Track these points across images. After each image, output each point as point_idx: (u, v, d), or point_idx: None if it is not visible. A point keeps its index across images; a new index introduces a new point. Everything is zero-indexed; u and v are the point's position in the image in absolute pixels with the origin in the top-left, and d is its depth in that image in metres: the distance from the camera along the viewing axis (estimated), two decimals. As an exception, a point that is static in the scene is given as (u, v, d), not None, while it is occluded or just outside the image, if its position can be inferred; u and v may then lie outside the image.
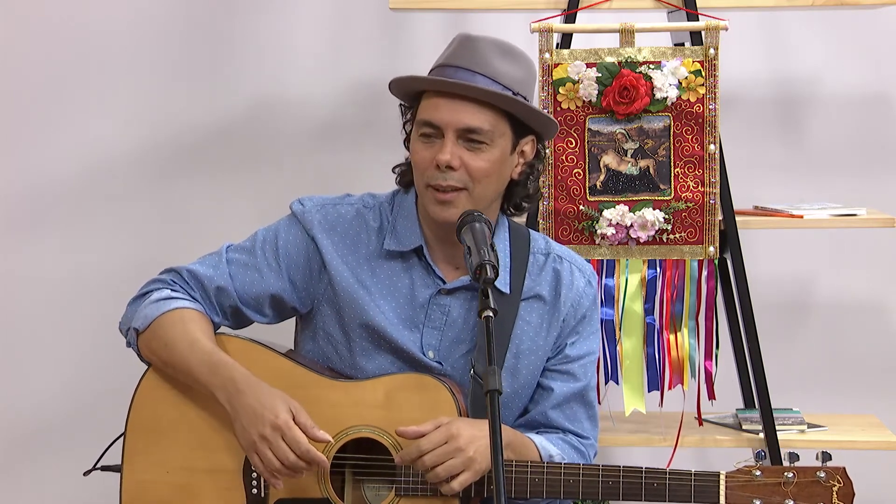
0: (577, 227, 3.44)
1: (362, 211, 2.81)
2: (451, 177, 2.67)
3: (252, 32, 4.03)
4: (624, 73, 3.38)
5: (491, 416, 2.30)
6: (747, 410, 3.61)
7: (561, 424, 2.80)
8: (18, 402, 4.06)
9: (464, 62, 2.69)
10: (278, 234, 2.80)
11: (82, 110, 4.03)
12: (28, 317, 4.07)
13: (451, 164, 2.66)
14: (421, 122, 2.70)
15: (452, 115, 2.66)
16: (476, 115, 2.66)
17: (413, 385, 2.67)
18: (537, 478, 2.62)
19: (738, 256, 3.46)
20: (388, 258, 2.77)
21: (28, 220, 4.06)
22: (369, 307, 2.74)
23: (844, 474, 2.59)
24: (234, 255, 2.80)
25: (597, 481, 2.61)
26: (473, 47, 2.70)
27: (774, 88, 4.03)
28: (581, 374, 2.81)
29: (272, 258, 2.78)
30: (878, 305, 4.08)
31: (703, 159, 3.41)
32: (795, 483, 2.58)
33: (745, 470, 2.60)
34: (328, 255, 2.76)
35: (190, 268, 2.80)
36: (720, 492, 2.59)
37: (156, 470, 2.72)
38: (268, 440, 2.57)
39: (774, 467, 2.60)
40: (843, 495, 2.58)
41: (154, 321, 2.72)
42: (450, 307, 2.76)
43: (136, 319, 2.74)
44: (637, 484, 2.60)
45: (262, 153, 4.05)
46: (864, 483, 3.69)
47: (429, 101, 2.70)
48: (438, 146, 2.68)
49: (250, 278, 2.78)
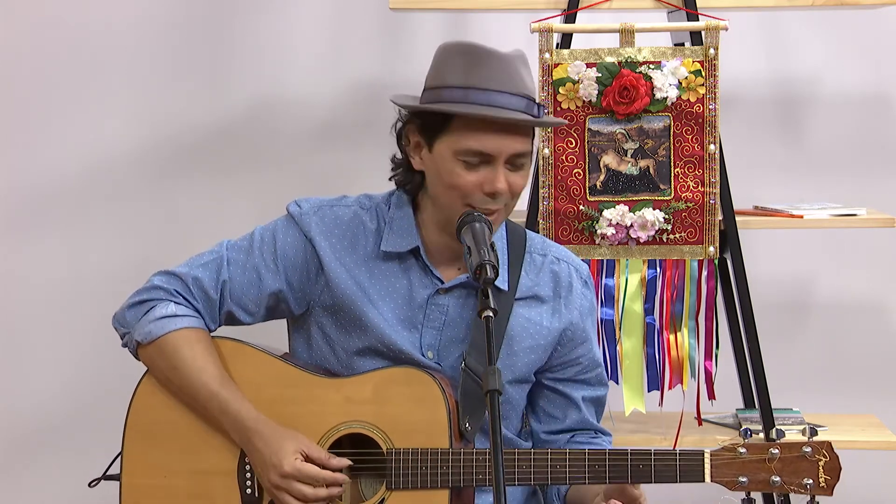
0: (577, 227, 3.44)
1: (359, 213, 2.80)
2: (500, 201, 2.67)
3: (252, 32, 4.03)
4: (624, 73, 3.39)
5: (491, 416, 2.30)
6: (747, 410, 3.61)
7: (592, 425, 2.86)
8: (18, 402, 4.06)
9: (500, 85, 2.64)
10: (276, 235, 2.79)
11: (82, 110, 4.03)
12: (28, 317, 4.07)
13: (503, 192, 2.66)
14: (466, 151, 2.64)
15: (504, 145, 2.63)
16: (524, 139, 2.66)
17: (402, 379, 2.68)
18: (524, 464, 2.62)
19: (738, 256, 3.46)
20: (386, 259, 2.77)
21: (28, 219, 4.06)
22: (367, 309, 2.74)
23: (830, 448, 2.56)
24: (233, 254, 2.80)
25: (583, 465, 2.61)
26: (502, 65, 2.65)
27: (774, 88, 4.03)
28: (598, 383, 2.86)
29: (270, 259, 2.78)
30: (878, 305, 4.08)
31: (703, 159, 3.41)
32: (780, 458, 2.56)
33: (730, 447, 2.58)
34: (326, 258, 2.76)
35: (194, 275, 2.78)
36: (705, 470, 2.58)
37: (153, 474, 2.72)
38: (282, 488, 2.63)
39: (759, 444, 2.58)
40: (830, 469, 2.56)
41: (159, 339, 2.73)
42: (448, 306, 2.76)
43: (137, 331, 2.75)
44: (623, 466, 2.60)
45: (261, 153, 4.05)
46: (864, 483, 3.71)
47: (470, 128, 2.64)
48: (485, 172, 2.65)
49: (248, 279, 2.78)
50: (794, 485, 2.56)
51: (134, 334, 2.75)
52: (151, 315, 2.75)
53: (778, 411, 3.53)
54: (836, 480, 2.56)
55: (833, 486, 2.56)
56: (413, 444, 2.65)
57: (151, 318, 2.74)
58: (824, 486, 2.56)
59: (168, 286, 2.78)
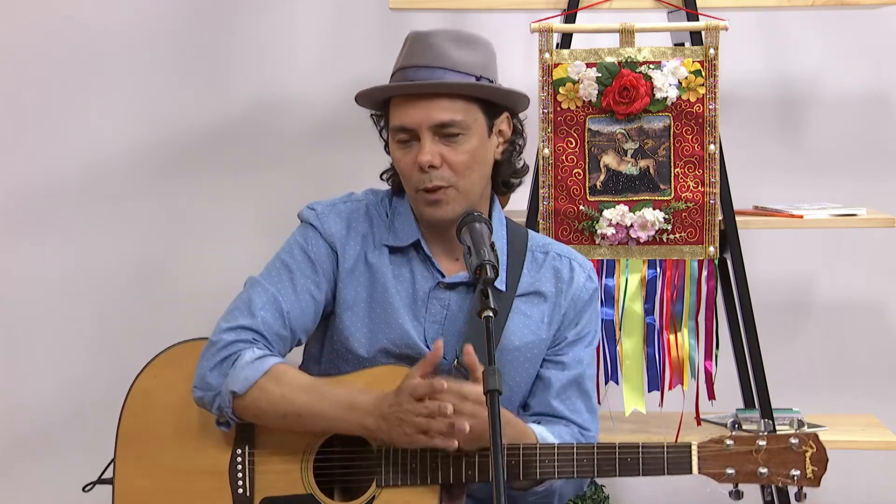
0: (577, 227, 3.44)
1: (369, 207, 2.83)
2: (435, 176, 2.69)
3: (252, 32, 4.03)
4: (624, 73, 3.39)
5: (491, 416, 2.31)
6: (747, 410, 3.61)
7: (564, 414, 2.81)
8: (18, 402, 4.06)
9: (422, 59, 2.71)
10: (305, 249, 2.78)
11: (82, 110, 4.03)
12: (28, 317, 4.07)
13: (432, 164, 2.67)
14: (395, 129, 2.72)
15: (423, 115, 2.68)
16: (446, 108, 2.68)
17: (390, 376, 2.67)
18: (513, 459, 2.62)
19: (738, 256, 3.46)
20: (391, 253, 2.79)
21: (28, 219, 4.06)
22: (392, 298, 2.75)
23: (817, 440, 2.57)
24: (278, 286, 2.74)
25: (571, 459, 2.61)
26: (428, 43, 2.72)
27: (774, 88, 4.04)
28: (575, 363, 2.82)
29: (311, 274, 2.76)
30: (878, 305, 4.08)
31: (703, 159, 3.41)
32: (767, 450, 2.56)
33: (717, 439, 2.59)
34: (348, 255, 2.78)
35: (262, 318, 2.71)
36: (692, 462, 2.58)
37: (146, 475, 2.73)
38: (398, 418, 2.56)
39: (746, 435, 2.58)
40: (817, 460, 2.56)
41: (258, 381, 2.65)
42: (449, 301, 2.77)
43: (231, 383, 2.66)
44: (611, 459, 2.61)
45: (261, 153, 4.05)
46: (864, 483, 3.71)
47: (397, 106, 2.72)
48: (417, 148, 2.69)
49: (305, 304, 2.75)
50: (781, 476, 2.57)
51: (230, 387, 2.65)
52: (241, 363, 2.67)
53: (778, 411, 3.53)
54: (823, 471, 2.57)
55: (820, 477, 2.57)
56: None
57: (242, 365, 2.66)
58: (811, 476, 2.56)
59: (243, 338, 2.70)
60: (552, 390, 2.80)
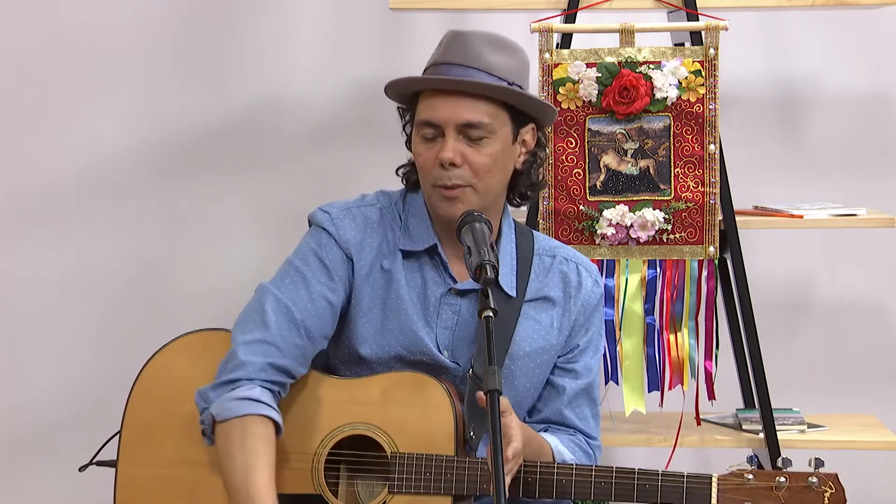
0: (577, 227, 3.44)
1: (383, 210, 2.80)
2: (455, 175, 2.67)
3: (252, 32, 4.03)
4: (624, 73, 3.39)
5: (491, 416, 2.31)
6: (747, 410, 3.61)
7: (573, 423, 2.81)
8: (18, 402, 4.06)
9: (456, 58, 2.69)
10: (318, 253, 2.75)
11: (82, 110, 4.03)
12: (28, 317, 4.07)
13: (454, 161, 2.66)
14: (421, 123, 2.70)
15: (451, 112, 2.66)
16: (474, 109, 2.66)
17: (409, 383, 2.67)
18: (530, 477, 2.63)
19: (738, 256, 3.46)
20: (404, 258, 2.77)
21: (28, 219, 4.05)
22: (406, 305, 2.74)
23: (837, 480, 2.59)
24: (292, 294, 2.71)
25: (589, 482, 2.63)
26: (465, 43, 2.70)
27: (774, 88, 4.04)
28: (586, 372, 2.83)
29: (326, 279, 2.73)
30: (878, 305, 4.08)
31: (703, 159, 3.41)
32: (787, 488, 2.58)
33: (738, 473, 2.61)
34: (363, 261, 2.75)
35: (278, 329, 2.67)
36: (712, 494, 2.60)
37: (151, 464, 2.72)
38: None
39: (767, 472, 2.61)
40: (836, 501, 2.59)
41: (231, 420, 2.61)
42: (461, 307, 2.76)
43: (217, 407, 2.63)
44: (629, 485, 2.61)
45: (261, 153, 4.05)
46: (864, 483, 3.70)
47: (426, 101, 2.70)
48: (440, 145, 2.68)
49: (321, 311, 2.71)
50: None
51: (212, 409, 2.63)
52: (233, 394, 2.63)
53: (778, 411, 3.53)
54: None
55: None
56: (417, 448, 2.64)
57: (232, 397, 2.62)
58: None
59: (257, 359, 2.65)
60: (564, 398, 2.81)
